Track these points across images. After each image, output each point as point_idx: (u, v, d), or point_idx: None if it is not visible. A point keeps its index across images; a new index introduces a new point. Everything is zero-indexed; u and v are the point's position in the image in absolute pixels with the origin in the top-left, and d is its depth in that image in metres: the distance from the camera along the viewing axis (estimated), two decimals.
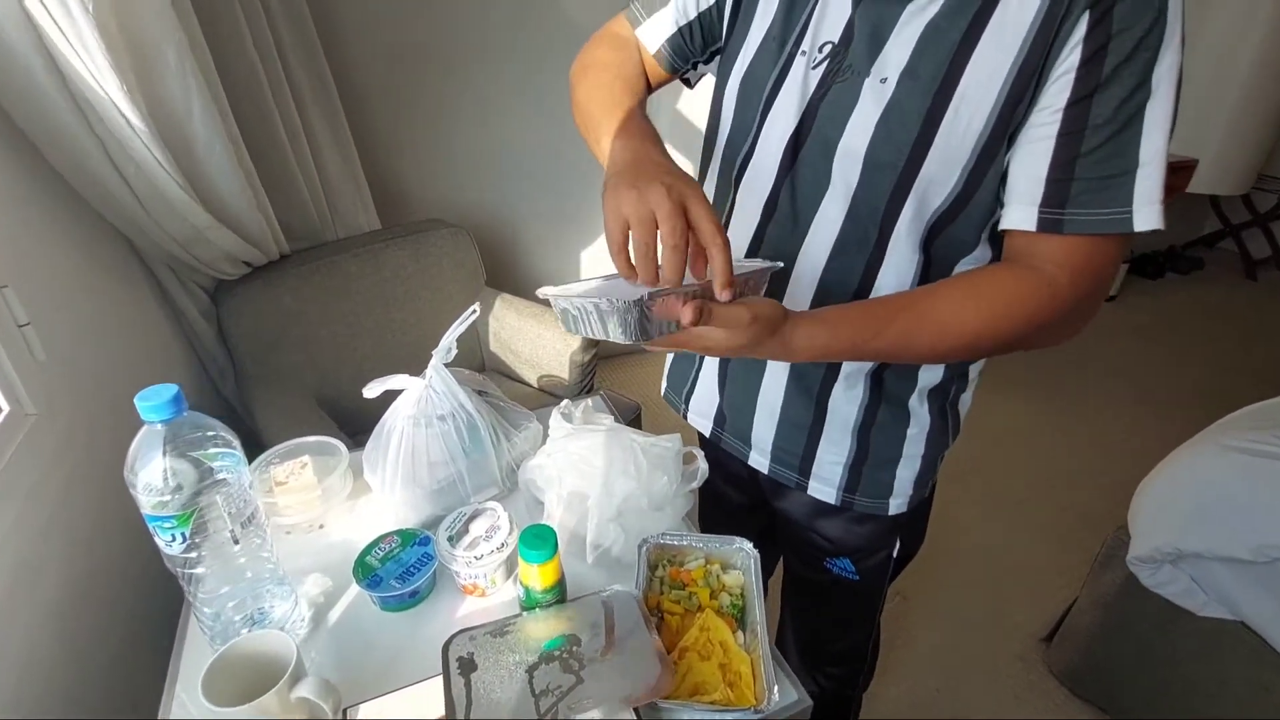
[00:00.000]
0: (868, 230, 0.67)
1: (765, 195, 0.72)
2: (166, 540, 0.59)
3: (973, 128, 0.59)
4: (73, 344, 0.94)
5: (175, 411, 0.56)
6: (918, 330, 0.62)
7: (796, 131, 0.68)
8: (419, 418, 0.83)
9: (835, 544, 0.87)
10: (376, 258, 1.68)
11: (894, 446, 0.79)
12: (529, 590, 0.69)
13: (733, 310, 0.55)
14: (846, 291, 0.70)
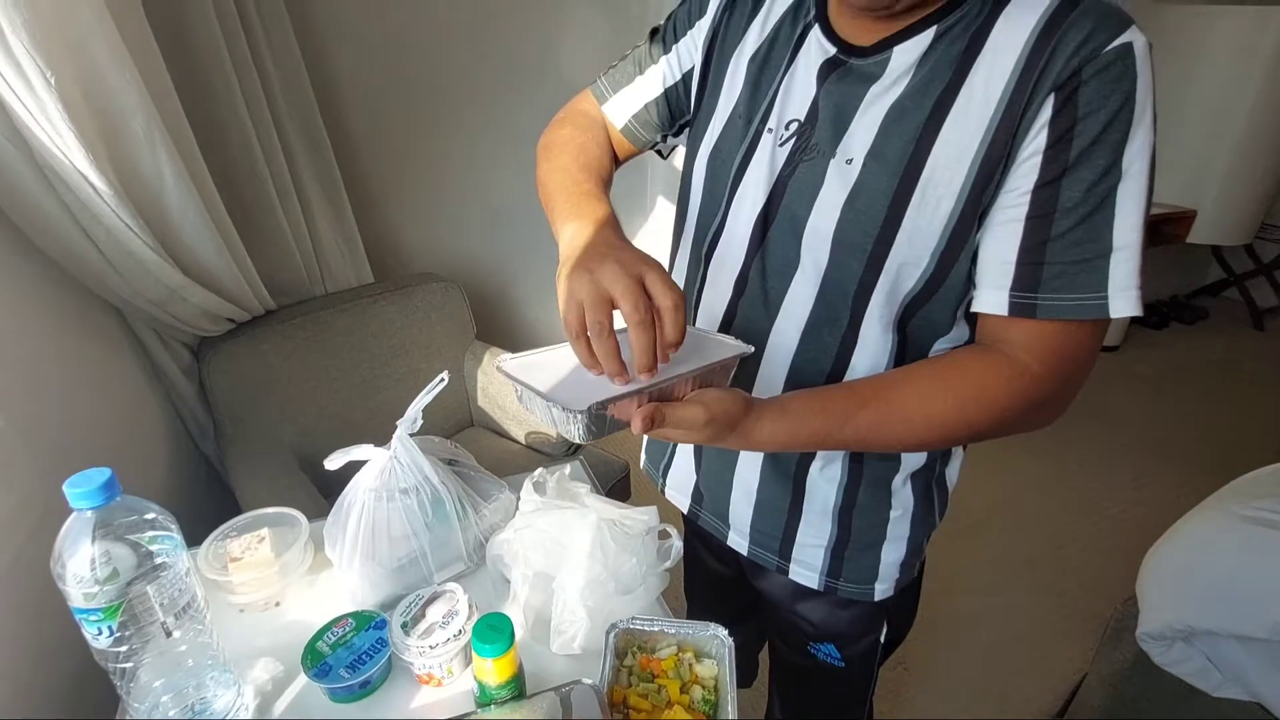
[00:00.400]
0: (839, 310, 0.65)
1: (736, 272, 0.71)
2: (93, 634, 0.55)
3: (941, 210, 0.58)
4: (36, 409, 0.92)
5: (107, 497, 0.53)
6: (885, 422, 0.59)
7: (765, 209, 0.67)
8: (381, 491, 0.80)
9: (819, 629, 0.83)
10: (364, 313, 1.68)
11: (877, 529, 0.75)
12: (483, 685, 0.64)
13: (687, 412, 0.54)
14: (820, 371, 0.68)
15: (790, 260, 0.66)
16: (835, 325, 0.65)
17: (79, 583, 0.54)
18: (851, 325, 0.65)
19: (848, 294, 0.63)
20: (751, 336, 0.71)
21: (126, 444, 1.23)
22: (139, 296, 1.07)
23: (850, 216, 0.61)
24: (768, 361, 0.70)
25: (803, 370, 0.69)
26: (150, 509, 0.58)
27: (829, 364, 0.67)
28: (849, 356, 0.66)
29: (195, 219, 1.04)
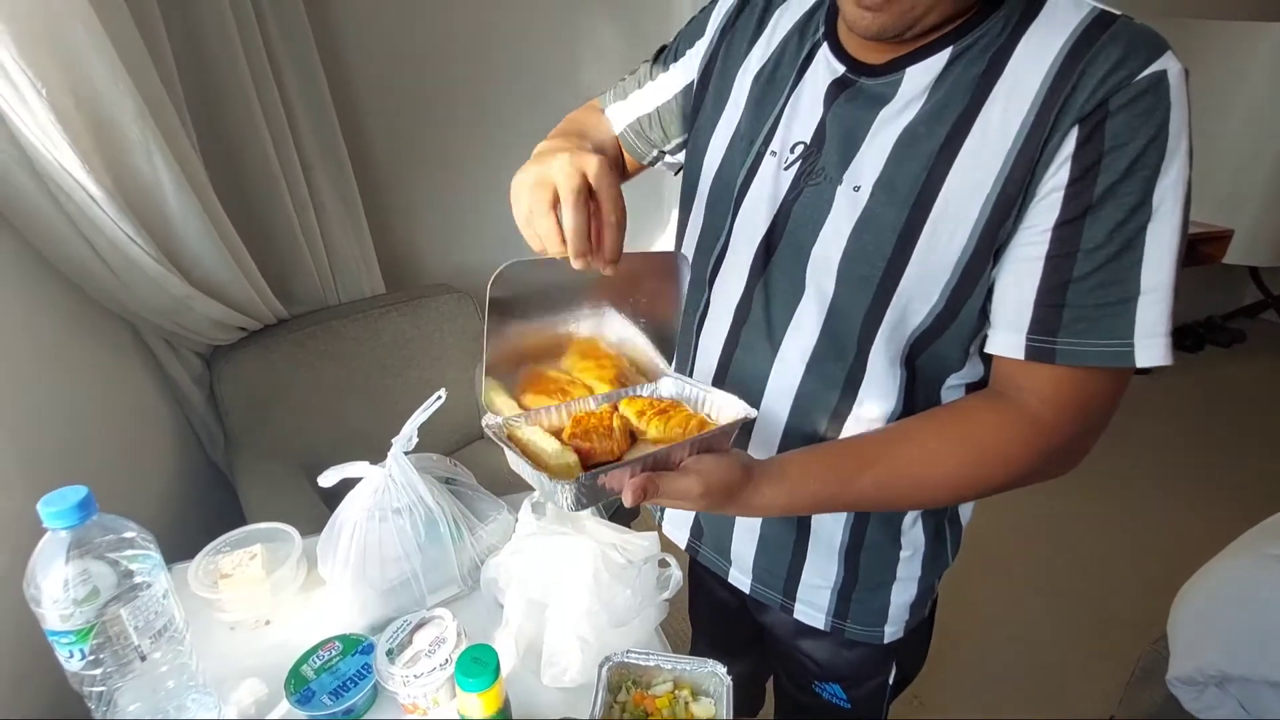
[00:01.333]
0: (845, 342, 0.61)
1: (737, 299, 0.68)
2: (65, 656, 0.54)
3: (954, 244, 0.54)
4: (40, 418, 0.92)
5: (82, 516, 0.52)
6: (892, 483, 0.56)
7: (768, 235, 0.64)
8: (374, 510, 0.78)
9: (823, 669, 0.79)
10: (376, 324, 1.67)
11: (886, 570, 0.71)
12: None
13: (682, 483, 0.51)
14: (826, 406, 0.64)
15: (794, 288, 0.63)
16: (841, 358, 0.62)
17: (55, 604, 0.52)
18: (858, 358, 0.61)
19: (854, 326, 0.60)
20: (753, 366, 0.68)
21: (134, 452, 1.23)
22: (145, 307, 1.07)
23: (857, 247, 0.58)
24: (770, 394, 0.67)
25: (807, 404, 0.65)
26: (129, 528, 0.57)
27: (834, 398, 0.64)
28: (855, 391, 0.63)
29: (198, 228, 1.04)
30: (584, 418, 0.59)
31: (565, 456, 0.55)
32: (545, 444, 0.56)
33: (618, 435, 0.58)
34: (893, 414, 0.63)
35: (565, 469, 0.54)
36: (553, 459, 0.54)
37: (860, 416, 0.64)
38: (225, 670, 0.75)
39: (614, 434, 0.58)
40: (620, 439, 0.58)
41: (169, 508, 1.32)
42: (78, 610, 0.53)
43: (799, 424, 0.66)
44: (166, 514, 1.30)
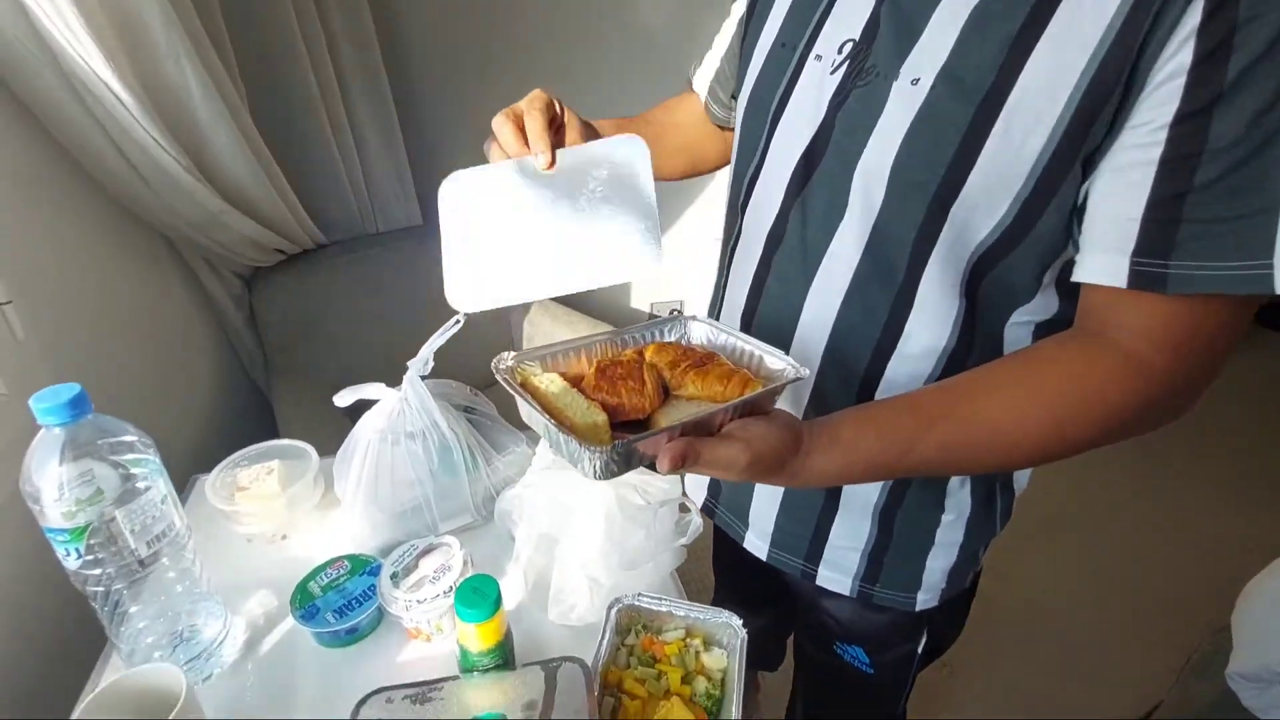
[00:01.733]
0: (893, 265, 0.54)
1: (771, 222, 0.61)
2: (62, 554, 0.53)
3: (1030, 144, 0.45)
4: (68, 326, 0.92)
5: (74, 414, 0.50)
6: (961, 444, 0.48)
7: (810, 148, 0.56)
8: (388, 433, 0.76)
9: (846, 629, 0.74)
10: (413, 254, 1.65)
11: (924, 534, 0.65)
12: (465, 651, 0.60)
13: (726, 450, 0.45)
14: (867, 340, 0.57)
15: (836, 204, 0.55)
16: (887, 284, 0.55)
17: (55, 502, 0.51)
18: (907, 284, 0.54)
19: (904, 245, 0.52)
20: (786, 297, 0.61)
21: (176, 368, 1.26)
22: (181, 220, 1.06)
23: (913, 148, 0.49)
24: (804, 328, 0.60)
25: (845, 340, 0.58)
26: (127, 431, 0.55)
27: (877, 331, 0.56)
28: (902, 323, 0.55)
29: (228, 140, 1.02)
30: (610, 366, 0.53)
31: (593, 415, 0.49)
32: (568, 398, 0.50)
33: (649, 390, 0.52)
34: (945, 352, 0.55)
35: (593, 430, 0.48)
36: (579, 417, 0.48)
37: (906, 354, 0.56)
38: (239, 581, 0.76)
39: (645, 388, 0.51)
40: (652, 394, 0.52)
41: (209, 423, 1.35)
42: (81, 510, 0.52)
43: (836, 362, 0.60)
44: (206, 429, 1.33)
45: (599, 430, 0.48)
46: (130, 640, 0.60)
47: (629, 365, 0.52)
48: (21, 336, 0.78)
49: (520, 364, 0.54)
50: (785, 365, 0.54)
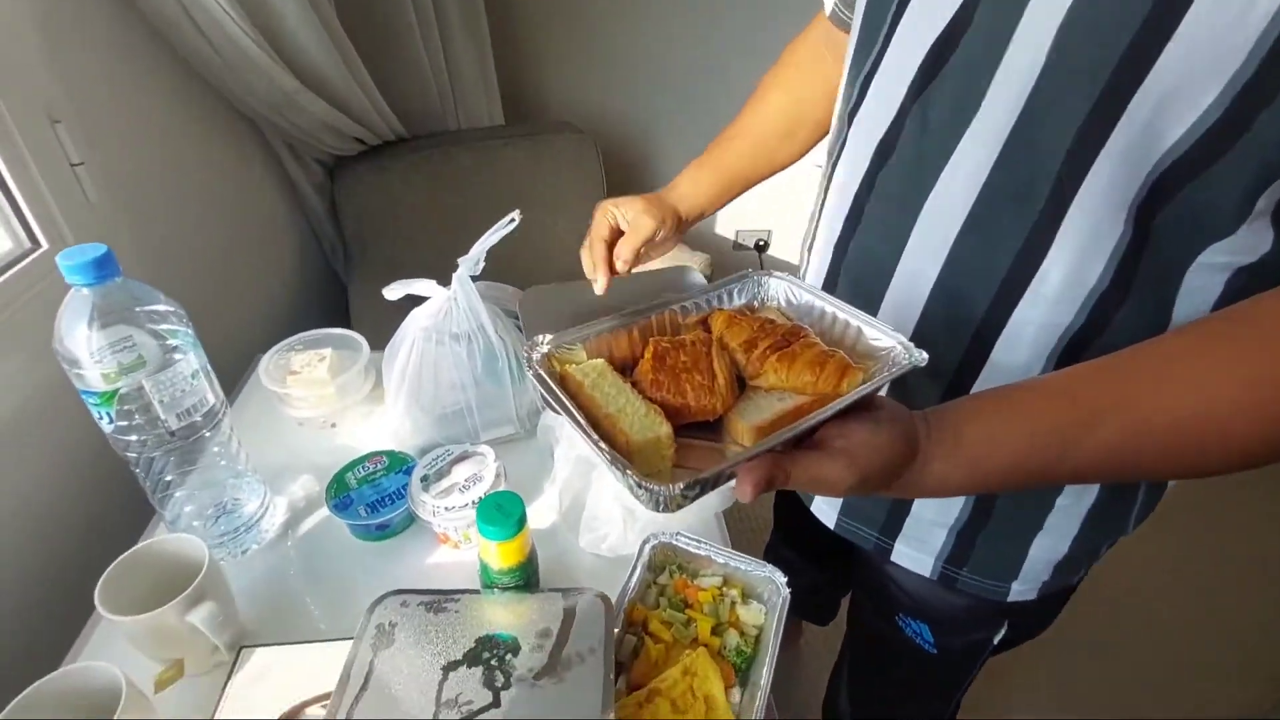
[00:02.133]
0: (1034, 181, 0.41)
1: (884, 130, 0.49)
2: (96, 417, 0.53)
3: (1257, 9, 0.31)
4: (146, 196, 0.93)
5: (99, 276, 0.48)
6: (1140, 447, 0.36)
7: (945, 33, 0.43)
8: (433, 331, 0.72)
9: (915, 601, 0.65)
10: (493, 155, 1.59)
11: (1032, 516, 0.54)
12: (485, 566, 0.56)
13: (827, 468, 0.35)
14: (989, 277, 0.46)
15: (967, 102, 0.43)
16: (1025, 203, 0.42)
17: (94, 364, 0.50)
18: (1052, 205, 0.41)
19: (1054, 153, 0.40)
20: (889, 220, 0.50)
21: (256, 249, 1.28)
22: (255, 97, 1.04)
23: (1082, 17, 0.36)
24: (909, 259, 0.49)
25: (961, 274, 0.47)
26: (159, 300, 0.53)
27: (1005, 264, 0.44)
28: (1039, 255, 0.43)
29: (299, 18, 0.97)
30: (670, 350, 0.41)
31: (653, 426, 0.37)
32: (620, 399, 0.39)
33: (721, 385, 0.40)
34: (1092, 294, 0.43)
35: (654, 447, 0.37)
36: (634, 430, 0.37)
37: (1040, 295, 0.44)
38: (287, 463, 0.77)
39: (717, 383, 0.40)
40: (725, 390, 0.40)
41: (288, 306, 1.39)
42: (124, 375, 0.51)
43: (947, 300, 0.49)
44: (284, 312, 1.36)
45: (660, 446, 0.37)
46: (172, 509, 0.61)
47: (694, 351, 0.41)
48: (94, 199, 0.79)
49: (558, 348, 0.42)
50: (893, 343, 0.41)
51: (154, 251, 0.92)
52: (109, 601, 0.50)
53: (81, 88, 0.79)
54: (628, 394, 0.39)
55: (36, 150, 0.72)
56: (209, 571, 0.52)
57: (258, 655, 0.53)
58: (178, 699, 0.52)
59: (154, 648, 0.52)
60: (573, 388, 0.39)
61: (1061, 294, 0.44)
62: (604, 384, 0.40)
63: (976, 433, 0.37)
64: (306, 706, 0.50)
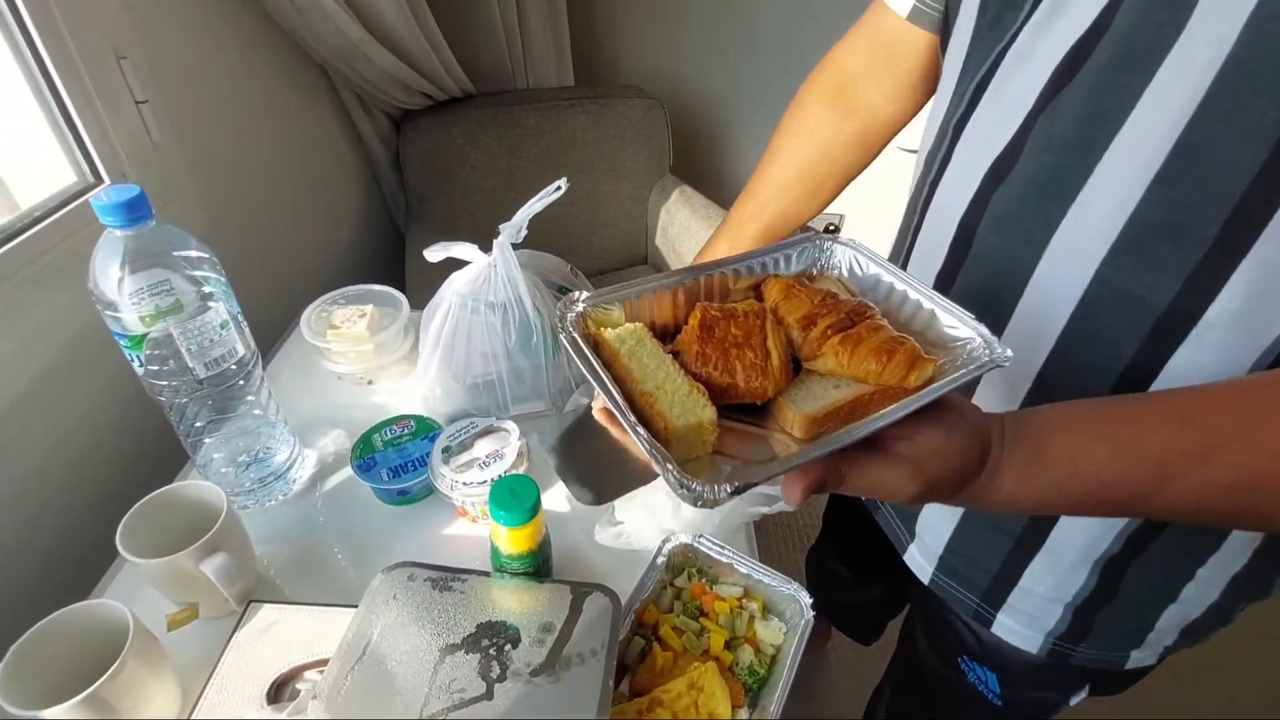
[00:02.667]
0: (1201, 208, 0.34)
1: (1004, 141, 0.42)
2: (128, 358, 0.53)
3: None
4: (213, 138, 0.94)
5: (130, 218, 0.47)
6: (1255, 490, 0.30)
7: (1091, 30, 0.36)
8: (469, 298, 0.69)
9: (985, 648, 0.59)
10: (559, 117, 1.55)
11: (1165, 588, 0.48)
12: (496, 550, 0.55)
13: (888, 475, 0.31)
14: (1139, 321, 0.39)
15: (1110, 111, 0.36)
16: (1186, 237, 0.35)
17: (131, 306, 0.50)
18: (1227, 240, 0.34)
19: (1234, 173, 0.33)
20: (1010, 247, 0.43)
21: (319, 198, 1.29)
22: (322, 44, 1.03)
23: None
24: (1033, 297, 0.43)
25: (1102, 317, 0.40)
26: (191, 245, 0.52)
27: (1160, 305, 0.37)
28: (1209, 295, 0.36)
29: None
30: (720, 320, 0.37)
31: (695, 410, 0.33)
32: (660, 374, 0.34)
33: (775, 365, 0.35)
34: (1276, 347, 0.36)
35: (695, 434, 0.33)
36: (674, 414, 0.33)
37: (1208, 343, 0.37)
38: (321, 416, 0.77)
39: (770, 363, 0.35)
40: (779, 372, 0.36)
41: (347, 256, 1.40)
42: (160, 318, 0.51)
43: (1083, 346, 0.42)
44: (344, 262, 1.38)
45: (702, 432, 0.33)
46: (204, 455, 0.62)
47: (746, 323, 0.36)
48: (157, 138, 0.80)
49: (595, 307, 0.37)
50: (973, 334, 0.35)
51: (216, 194, 0.93)
52: (131, 542, 0.50)
53: (149, 23, 0.80)
54: (668, 368, 0.35)
55: (101, 85, 0.73)
56: (225, 522, 0.52)
57: (265, 611, 0.53)
58: (188, 641, 0.53)
59: (169, 590, 0.53)
60: (607, 355, 0.36)
61: (1231, 345, 0.37)
62: (642, 353, 0.35)
63: (1063, 448, 0.32)
64: (304, 670, 0.50)
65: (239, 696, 0.48)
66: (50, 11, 0.68)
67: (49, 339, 0.69)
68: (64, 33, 0.69)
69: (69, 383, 0.71)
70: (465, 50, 1.43)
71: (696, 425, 0.32)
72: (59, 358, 0.70)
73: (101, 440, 0.75)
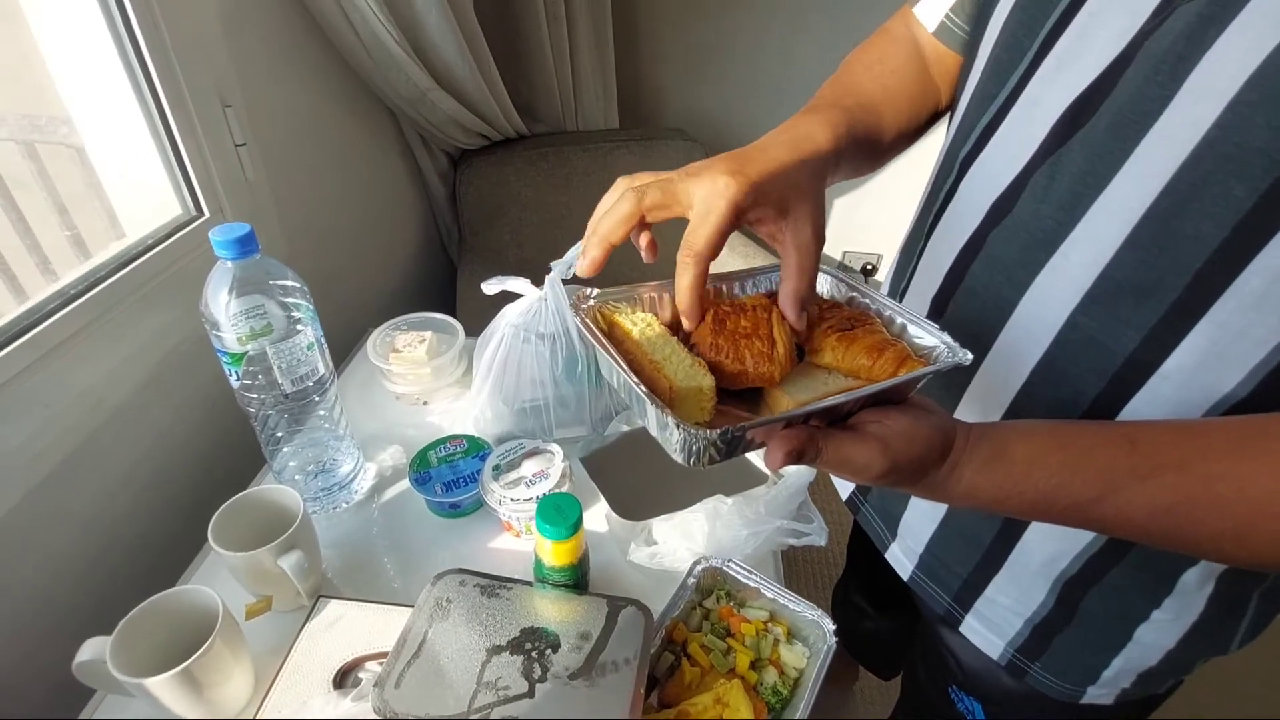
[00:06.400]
0: (1171, 269, 0.38)
1: (1004, 185, 0.46)
2: (227, 373, 0.60)
3: None
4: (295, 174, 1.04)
5: (240, 252, 0.54)
6: (1194, 514, 0.34)
7: (1088, 92, 0.40)
8: (522, 329, 0.75)
9: (969, 677, 0.62)
10: (605, 157, 1.64)
11: (1120, 626, 0.50)
12: (539, 561, 0.59)
13: (859, 451, 0.35)
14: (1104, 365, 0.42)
15: (1099, 170, 0.39)
16: (1150, 296, 0.39)
17: (230, 326, 0.58)
18: (1193, 296, 0.37)
19: (1202, 240, 0.36)
20: (997, 286, 0.47)
21: (383, 228, 1.39)
22: (394, 90, 1.13)
23: (1268, 87, 0.32)
24: (1011, 333, 0.46)
25: (1071, 357, 0.43)
26: (288, 277, 0.59)
27: (1124, 352, 0.41)
28: (1167, 348, 0.39)
29: (438, 22, 1.05)
30: (730, 314, 0.41)
31: (697, 377, 0.38)
32: (667, 349, 0.39)
33: (781, 354, 0.40)
34: (1227, 401, 0.39)
35: (695, 396, 0.37)
36: (679, 377, 0.37)
37: (1161, 394, 0.40)
38: (380, 433, 0.83)
39: (776, 351, 0.40)
40: (784, 359, 0.40)
41: (404, 283, 1.50)
42: (253, 339, 0.58)
43: (1052, 382, 0.45)
44: (400, 288, 1.48)
45: (702, 397, 0.37)
46: (280, 461, 0.69)
47: (755, 316, 0.41)
48: (250, 177, 0.89)
49: (607, 303, 0.43)
50: (937, 343, 0.40)
51: (295, 225, 1.03)
52: (219, 536, 0.56)
53: (249, 75, 0.90)
54: (674, 345, 0.40)
55: (208, 130, 0.82)
56: (301, 523, 0.58)
57: (332, 606, 0.58)
58: (264, 630, 0.59)
59: (249, 582, 0.59)
60: (619, 335, 0.41)
61: (1184, 397, 0.40)
62: (651, 334, 0.41)
63: (1021, 451, 0.36)
64: (365, 660, 0.55)
65: (308, 681, 0.53)
66: (171, 65, 0.78)
67: (150, 354, 0.77)
68: (181, 84, 0.79)
69: (162, 393, 0.80)
70: (521, 95, 1.53)
71: (697, 389, 0.37)
72: (157, 370, 0.78)
73: (188, 443, 0.83)
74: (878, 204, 2.00)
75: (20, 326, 0.64)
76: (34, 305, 0.67)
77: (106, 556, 0.73)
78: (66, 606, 0.69)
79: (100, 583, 0.72)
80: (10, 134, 1.02)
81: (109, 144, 0.82)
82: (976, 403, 0.51)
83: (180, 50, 0.78)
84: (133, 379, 0.75)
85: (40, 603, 0.66)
